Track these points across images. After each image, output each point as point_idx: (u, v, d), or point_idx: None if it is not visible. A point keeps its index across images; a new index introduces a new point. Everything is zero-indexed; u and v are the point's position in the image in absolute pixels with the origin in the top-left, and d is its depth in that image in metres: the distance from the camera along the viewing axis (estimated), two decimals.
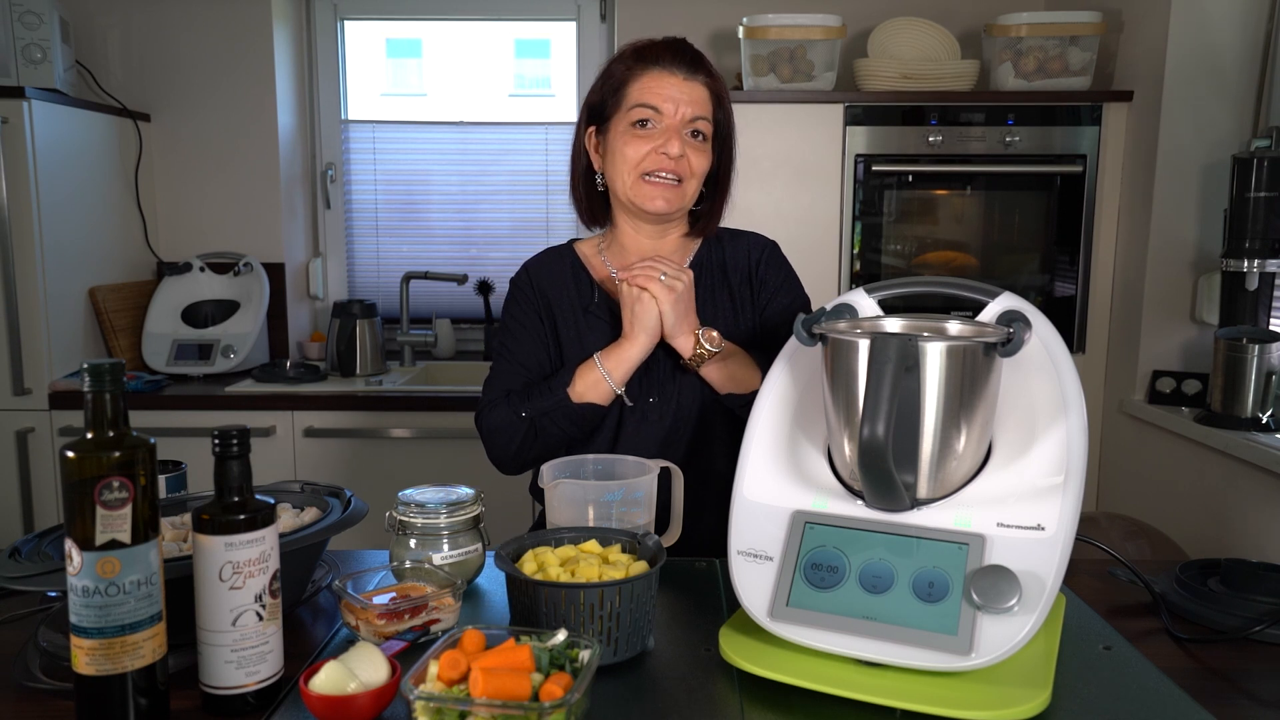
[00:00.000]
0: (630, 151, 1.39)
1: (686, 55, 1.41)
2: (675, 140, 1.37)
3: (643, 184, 1.40)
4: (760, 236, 1.54)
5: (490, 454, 1.44)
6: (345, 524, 1.10)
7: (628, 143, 1.39)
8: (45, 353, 2.52)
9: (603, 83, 1.44)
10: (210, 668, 0.87)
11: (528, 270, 1.52)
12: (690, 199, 1.43)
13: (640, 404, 1.42)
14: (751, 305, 1.48)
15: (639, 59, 1.41)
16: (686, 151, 1.39)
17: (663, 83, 1.38)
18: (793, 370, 1.07)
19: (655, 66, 1.39)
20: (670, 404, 1.42)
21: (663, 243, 1.49)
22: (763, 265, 1.50)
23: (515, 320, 1.49)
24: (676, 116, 1.38)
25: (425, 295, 3.22)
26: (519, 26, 3.30)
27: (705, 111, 1.41)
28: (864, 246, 2.60)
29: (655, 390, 1.43)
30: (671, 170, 1.38)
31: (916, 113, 2.54)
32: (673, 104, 1.38)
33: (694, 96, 1.39)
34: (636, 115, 1.39)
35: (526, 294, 1.49)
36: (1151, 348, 2.46)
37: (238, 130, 2.99)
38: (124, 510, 0.81)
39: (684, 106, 1.38)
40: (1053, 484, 0.91)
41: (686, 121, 1.39)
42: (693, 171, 1.40)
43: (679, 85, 1.39)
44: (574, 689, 0.78)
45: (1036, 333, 0.97)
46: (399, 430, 2.58)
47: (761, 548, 0.97)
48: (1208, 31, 2.33)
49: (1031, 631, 0.86)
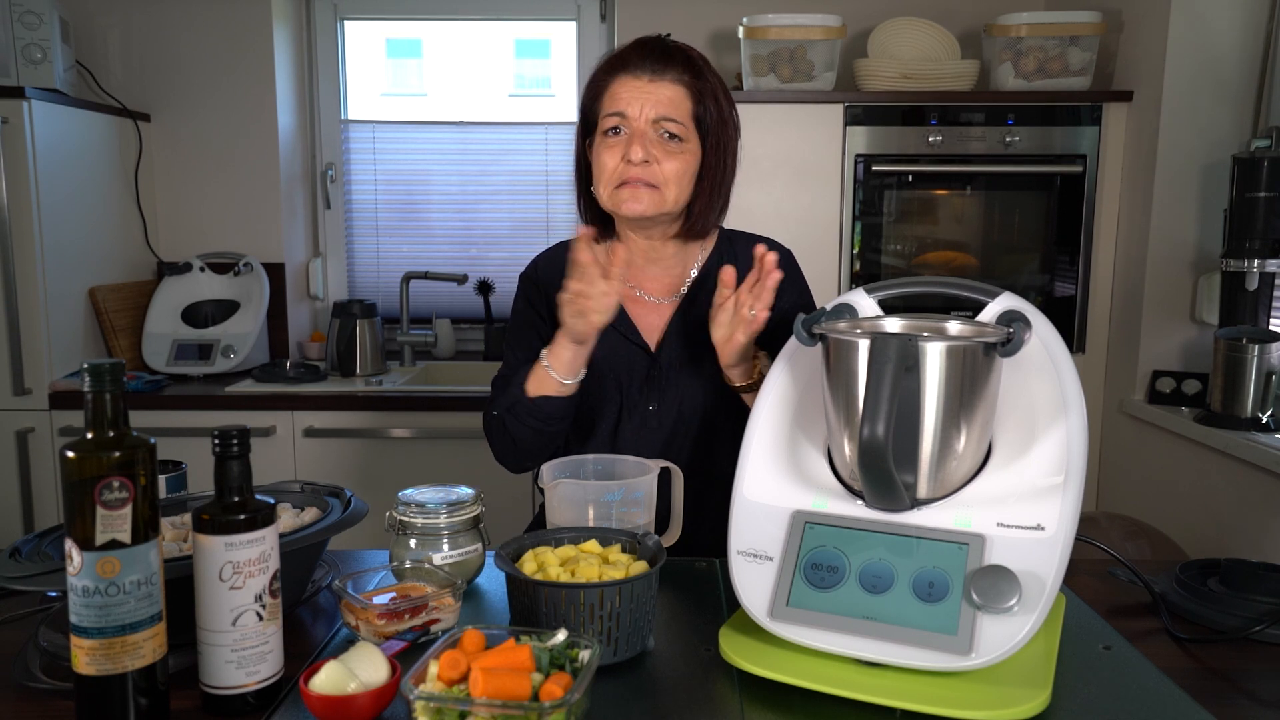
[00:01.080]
0: (604, 160, 1.36)
1: (655, 54, 1.36)
2: (637, 145, 1.33)
3: (619, 191, 1.36)
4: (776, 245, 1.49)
5: (491, 451, 1.46)
6: (345, 524, 1.10)
7: (602, 152, 1.37)
8: (45, 353, 2.52)
9: (585, 93, 1.43)
10: (210, 668, 0.87)
11: (536, 266, 1.52)
12: (673, 202, 1.37)
13: (640, 411, 1.42)
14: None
15: (609, 66, 1.39)
16: (656, 155, 1.34)
17: (626, 87, 1.35)
18: (793, 370, 1.07)
19: (623, 72, 1.36)
20: (671, 411, 1.41)
21: (662, 244, 1.45)
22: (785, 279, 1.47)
23: (520, 318, 1.49)
24: (640, 119, 1.34)
25: (425, 295, 3.22)
26: (519, 26, 3.30)
27: (675, 110, 1.35)
28: (864, 246, 2.60)
29: (655, 397, 1.42)
30: (637, 178, 1.34)
31: (916, 113, 2.54)
32: (636, 107, 1.34)
33: (660, 97, 1.34)
34: (607, 124, 1.36)
35: (530, 291, 1.50)
36: (1151, 348, 2.46)
37: (238, 130, 2.99)
38: (124, 510, 0.81)
39: (647, 109, 1.33)
40: (1053, 484, 0.91)
41: (652, 123, 1.34)
42: (666, 177, 1.35)
43: (642, 88, 1.34)
44: (574, 689, 0.78)
45: (1036, 333, 0.97)
46: (399, 430, 2.58)
47: (761, 548, 0.97)
48: (1208, 32, 2.33)
49: (1031, 631, 0.86)
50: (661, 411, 1.41)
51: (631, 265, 1.47)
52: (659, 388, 1.42)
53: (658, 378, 1.42)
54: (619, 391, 1.42)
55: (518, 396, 1.36)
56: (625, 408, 1.42)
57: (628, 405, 1.42)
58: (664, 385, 1.42)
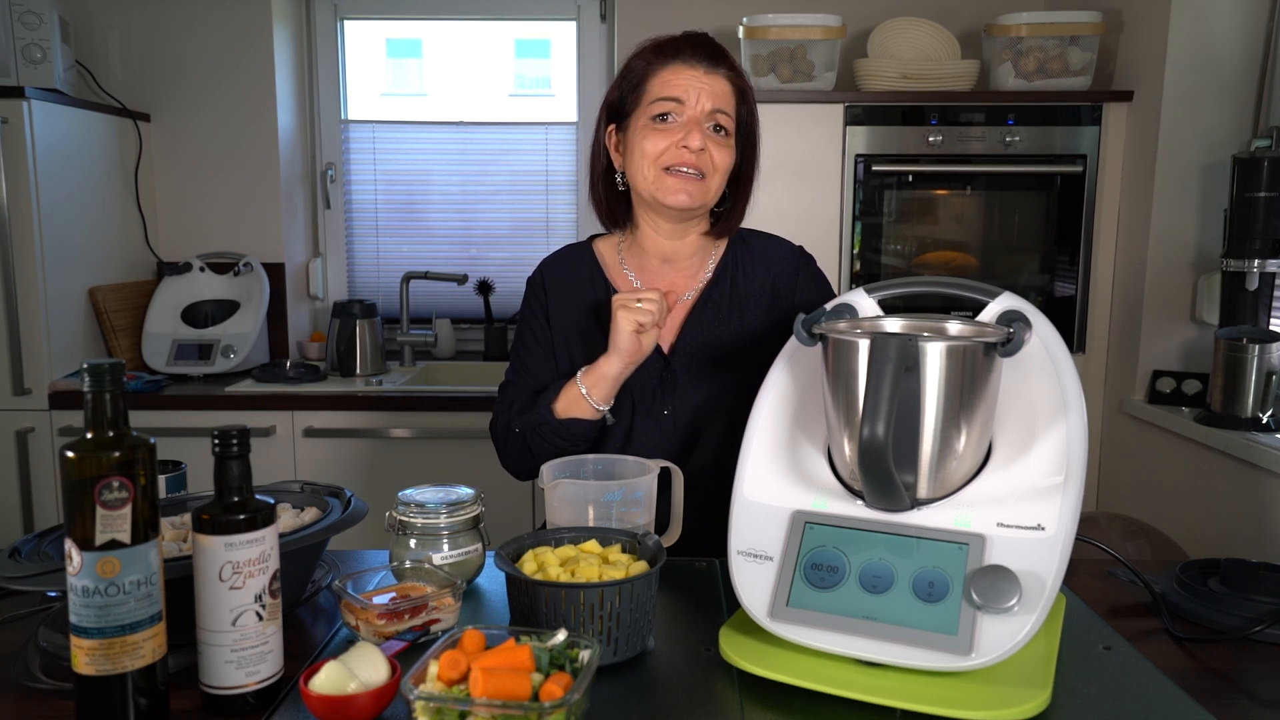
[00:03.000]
0: (650, 146, 1.36)
1: (708, 48, 1.39)
2: (696, 133, 1.34)
3: (665, 178, 1.36)
4: (791, 244, 1.52)
5: (500, 461, 1.47)
6: (345, 524, 1.10)
7: (648, 137, 1.37)
8: (45, 353, 2.52)
9: (622, 79, 1.42)
10: (210, 668, 0.87)
11: (541, 270, 1.52)
12: (714, 195, 1.40)
13: (654, 414, 1.41)
14: (768, 310, 1.44)
15: (659, 53, 1.39)
16: (708, 145, 1.36)
17: (683, 75, 1.36)
18: (793, 370, 1.07)
19: (676, 60, 1.37)
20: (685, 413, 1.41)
21: (683, 243, 1.46)
22: (801, 275, 1.48)
23: (526, 325, 1.49)
24: (698, 109, 1.35)
25: (425, 295, 3.22)
26: (519, 26, 3.30)
27: (727, 105, 1.38)
28: (864, 246, 2.60)
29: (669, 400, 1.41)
30: (693, 164, 1.36)
31: (916, 113, 2.54)
32: (694, 95, 1.35)
33: (716, 90, 1.37)
34: (657, 109, 1.36)
35: (537, 295, 1.49)
36: (1152, 348, 2.46)
37: (238, 130, 2.99)
38: (124, 510, 0.81)
39: (705, 99, 1.35)
40: (1053, 484, 0.91)
41: (708, 114, 1.36)
42: (715, 166, 1.37)
43: (700, 78, 1.36)
44: (574, 689, 0.78)
45: (1036, 333, 0.97)
46: (399, 430, 2.58)
47: (761, 548, 0.97)
48: (1208, 31, 2.33)
49: (1031, 631, 0.86)
50: (676, 414, 1.41)
51: (645, 269, 1.48)
52: (672, 390, 1.41)
53: (671, 380, 1.41)
54: (630, 395, 1.41)
55: (545, 418, 1.36)
56: (638, 411, 1.41)
57: (640, 408, 1.41)
58: (677, 387, 1.41)
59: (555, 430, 1.36)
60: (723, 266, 1.47)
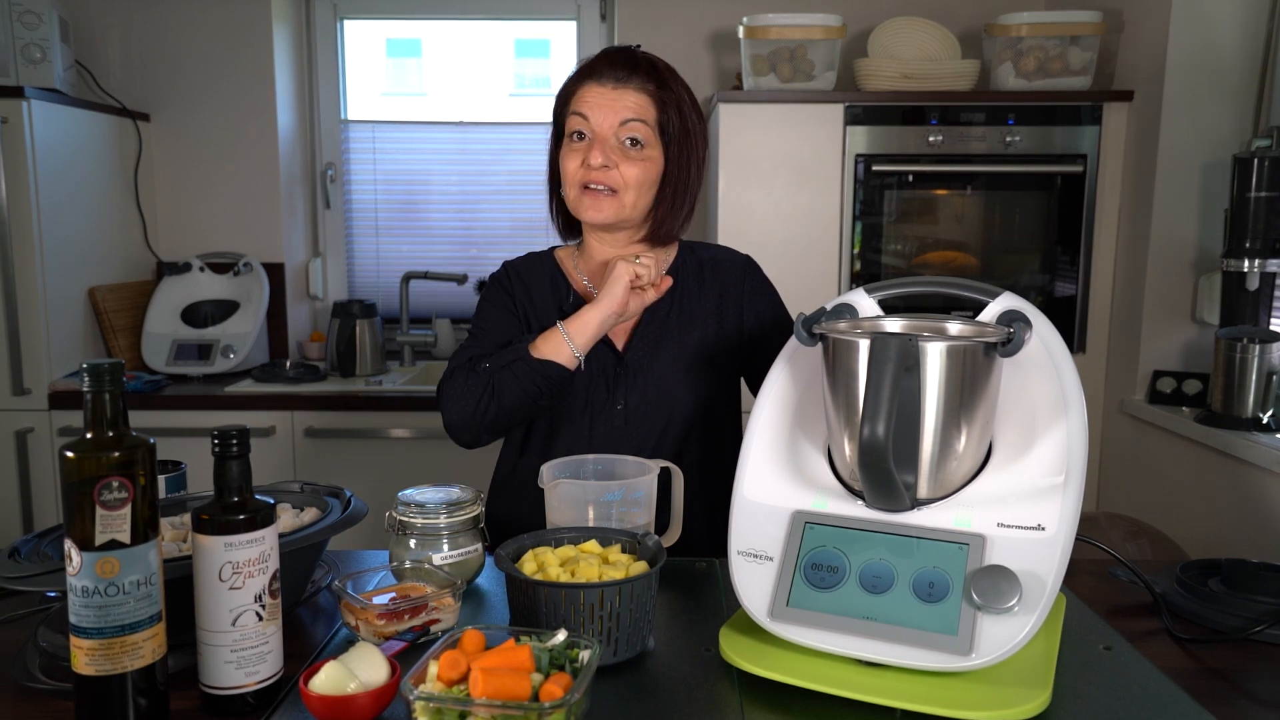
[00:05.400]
0: (568, 165, 1.42)
1: (620, 64, 1.40)
2: (597, 150, 1.37)
3: (583, 195, 1.41)
4: (736, 252, 1.55)
5: (445, 417, 1.42)
6: (345, 524, 1.10)
7: (566, 156, 1.42)
8: (45, 353, 2.52)
9: (556, 100, 1.47)
10: (210, 668, 0.87)
11: (508, 268, 1.55)
12: (630, 208, 1.41)
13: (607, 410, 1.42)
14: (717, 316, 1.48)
15: (578, 73, 1.43)
16: (617, 161, 1.38)
17: (592, 93, 1.39)
18: (793, 370, 1.07)
19: (590, 78, 1.40)
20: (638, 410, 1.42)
21: (626, 251, 1.48)
22: (748, 280, 1.50)
23: (490, 305, 1.50)
24: (603, 126, 1.38)
25: (425, 295, 3.22)
26: (519, 26, 3.30)
27: (643, 115, 1.39)
28: (864, 246, 2.60)
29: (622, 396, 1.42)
30: (599, 181, 1.38)
31: (916, 113, 2.54)
32: (599, 114, 1.38)
33: (625, 104, 1.38)
34: (570, 127, 1.41)
35: (505, 286, 1.51)
36: (1152, 348, 2.45)
37: (238, 130, 2.99)
38: (123, 510, 0.81)
39: (610, 115, 1.38)
40: (1053, 484, 0.91)
41: (615, 129, 1.38)
42: (626, 181, 1.39)
43: (606, 94, 1.39)
44: (574, 689, 0.78)
45: (1037, 333, 0.97)
46: (399, 430, 2.58)
47: (761, 548, 0.97)
48: (1208, 31, 2.33)
49: (1031, 631, 0.86)
50: (629, 410, 1.42)
51: (598, 276, 1.50)
52: (625, 386, 1.42)
53: (624, 376, 1.43)
54: (585, 390, 1.42)
55: (521, 354, 1.35)
56: (592, 405, 1.42)
57: (594, 402, 1.42)
58: (629, 384, 1.42)
59: (530, 367, 1.34)
60: (672, 273, 1.49)
